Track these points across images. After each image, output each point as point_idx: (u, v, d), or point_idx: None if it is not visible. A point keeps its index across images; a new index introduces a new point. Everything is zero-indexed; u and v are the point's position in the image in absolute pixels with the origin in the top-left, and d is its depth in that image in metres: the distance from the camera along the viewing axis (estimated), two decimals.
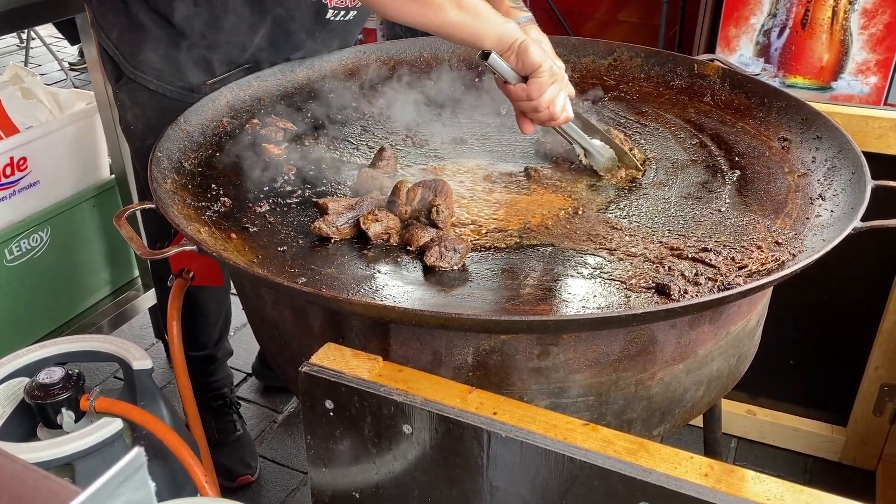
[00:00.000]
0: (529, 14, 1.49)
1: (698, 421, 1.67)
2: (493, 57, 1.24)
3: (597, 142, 1.38)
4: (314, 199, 1.26)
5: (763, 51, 3.02)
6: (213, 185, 1.31)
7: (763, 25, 2.98)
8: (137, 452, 0.48)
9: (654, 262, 1.11)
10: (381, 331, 1.04)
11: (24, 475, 0.53)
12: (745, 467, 0.79)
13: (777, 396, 2.10)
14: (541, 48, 1.25)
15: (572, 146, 1.38)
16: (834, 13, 2.88)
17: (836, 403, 2.03)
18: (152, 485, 0.49)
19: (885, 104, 2.95)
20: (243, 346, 2.45)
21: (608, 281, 1.07)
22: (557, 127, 1.33)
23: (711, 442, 1.65)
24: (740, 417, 2.10)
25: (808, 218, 1.20)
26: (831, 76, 2.98)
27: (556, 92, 1.26)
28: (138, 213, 2.01)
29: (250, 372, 2.41)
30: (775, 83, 2.97)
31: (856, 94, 2.95)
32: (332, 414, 0.93)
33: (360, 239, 1.17)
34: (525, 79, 1.26)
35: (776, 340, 1.58)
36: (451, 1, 1.23)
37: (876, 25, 2.83)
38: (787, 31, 2.95)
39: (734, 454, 2.09)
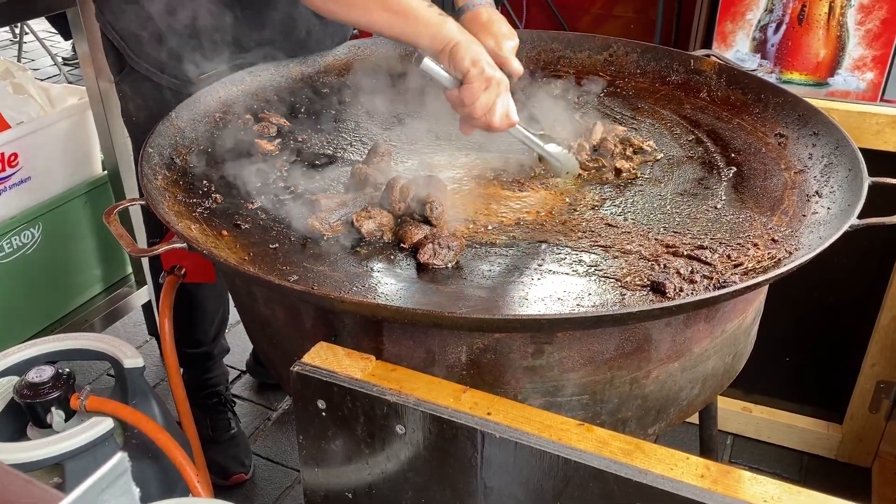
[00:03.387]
0: None
1: (694, 418, 1.66)
2: (426, 62, 1.19)
3: (553, 147, 1.33)
4: (307, 196, 1.25)
5: (759, 46, 3.01)
6: (204, 182, 1.29)
7: (759, 21, 2.96)
8: (121, 457, 0.46)
9: (649, 260, 1.10)
10: (374, 329, 1.03)
11: (7, 479, 0.52)
12: (740, 465, 0.78)
13: (773, 393, 2.09)
14: (475, 52, 1.18)
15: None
16: (830, 9, 2.86)
17: (832, 400, 2.03)
18: (136, 490, 0.48)
19: (882, 100, 2.94)
20: (237, 343, 2.44)
21: (603, 278, 1.06)
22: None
23: (707, 439, 1.64)
24: (736, 414, 2.10)
25: (804, 215, 1.19)
26: (828, 72, 2.97)
27: (492, 98, 1.18)
28: (138, 209, 2.00)
29: (244, 369, 2.40)
30: (772, 79, 2.95)
31: (852, 90, 2.94)
32: (324, 414, 0.92)
33: (352, 236, 1.16)
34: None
35: (772, 337, 1.57)
36: (378, 2, 1.20)
37: (873, 21, 2.82)
38: (783, 27, 2.94)
39: (730, 451, 2.09)
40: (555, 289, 1.04)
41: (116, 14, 1.57)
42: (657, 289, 1.02)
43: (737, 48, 3.02)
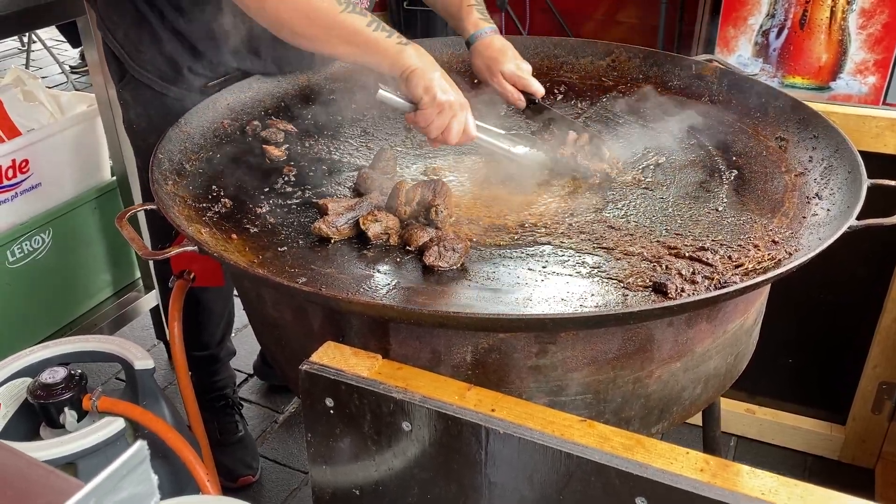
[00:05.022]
0: (493, 25, 1.56)
1: (698, 420, 1.68)
2: (381, 93, 1.27)
3: (520, 148, 1.40)
4: (314, 200, 1.28)
5: (762, 51, 3.03)
6: (213, 187, 1.32)
7: (762, 26, 2.99)
8: (140, 446, 0.48)
9: (651, 262, 1.12)
10: (381, 330, 1.05)
11: (29, 470, 0.54)
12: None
13: (776, 395, 2.10)
14: (428, 80, 1.23)
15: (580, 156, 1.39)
16: (832, 13, 2.89)
17: (834, 402, 2.04)
18: (155, 478, 0.50)
19: (884, 104, 2.96)
20: (245, 346, 2.46)
21: (606, 280, 1.08)
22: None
23: (710, 440, 1.65)
24: (740, 416, 2.11)
25: (804, 217, 1.21)
26: (830, 76, 2.99)
27: (445, 121, 1.25)
28: (142, 215, 2.02)
29: (251, 372, 2.42)
30: (774, 83, 2.97)
31: (854, 93, 2.96)
32: (332, 412, 0.93)
33: (359, 239, 1.18)
34: None
35: (775, 339, 1.58)
36: (339, 37, 1.26)
37: (874, 25, 2.84)
38: (785, 32, 2.96)
39: (734, 453, 2.10)
40: (558, 290, 1.06)
41: (116, 22, 1.60)
42: (659, 289, 1.04)
43: (739, 53, 3.05)
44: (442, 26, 4.47)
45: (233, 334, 2.18)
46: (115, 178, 2.19)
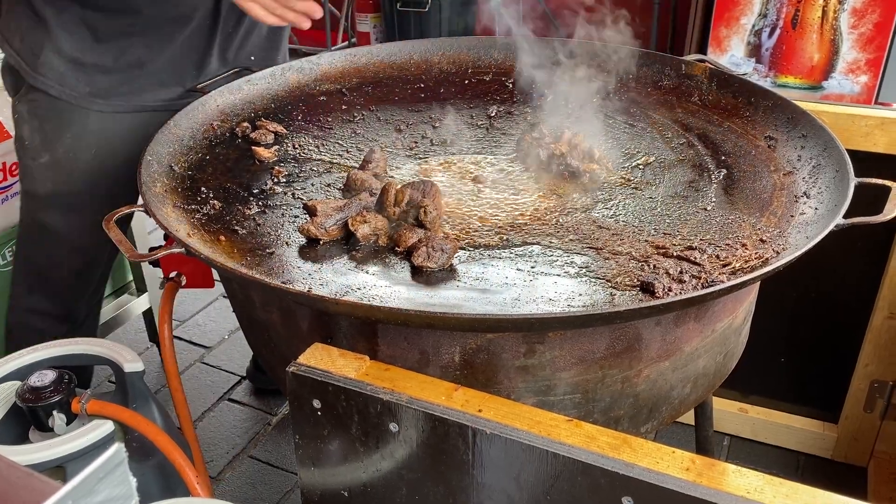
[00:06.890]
0: None
1: (690, 419, 1.68)
2: None
3: None
4: (303, 202, 1.27)
5: (754, 51, 3.04)
6: (202, 188, 1.31)
7: (754, 26, 2.99)
8: (118, 448, 0.48)
9: (639, 261, 1.12)
10: (369, 331, 1.05)
11: (7, 472, 0.54)
12: (738, 465, 0.80)
13: (769, 394, 2.11)
14: None
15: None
16: (824, 13, 2.89)
17: (827, 401, 2.04)
18: (133, 480, 0.50)
19: (876, 103, 2.97)
20: (237, 349, 2.46)
21: (594, 279, 1.08)
22: None
23: (703, 440, 1.66)
24: (732, 415, 2.11)
25: (792, 216, 1.21)
26: (822, 75, 3.00)
27: None
28: (141, 216, 2.02)
29: (244, 375, 2.41)
30: (766, 83, 2.98)
31: (846, 93, 2.97)
32: (319, 413, 0.93)
33: (348, 240, 1.18)
34: None
35: (768, 338, 1.59)
36: None
37: (865, 25, 2.85)
38: (777, 32, 2.97)
39: (727, 452, 2.10)
40: (546, 290, 1.06)
41: (13, 30, 1.54)
42: (646, 289, 1.04)
43: (732, 53, 3.05)
44: (436, 27, 4.48)
45: (225, 337, 2.17)
46: None
